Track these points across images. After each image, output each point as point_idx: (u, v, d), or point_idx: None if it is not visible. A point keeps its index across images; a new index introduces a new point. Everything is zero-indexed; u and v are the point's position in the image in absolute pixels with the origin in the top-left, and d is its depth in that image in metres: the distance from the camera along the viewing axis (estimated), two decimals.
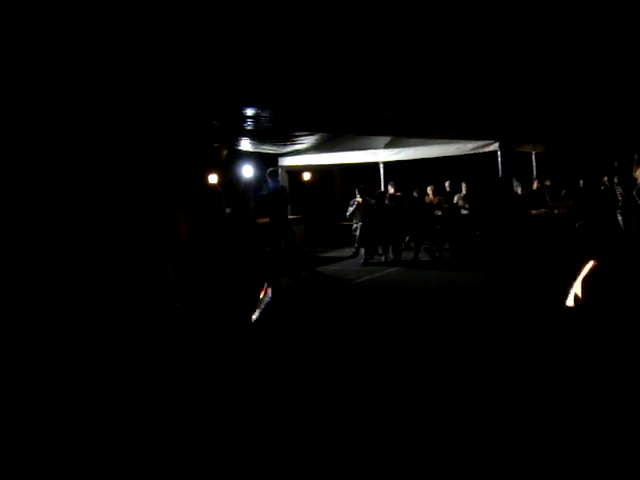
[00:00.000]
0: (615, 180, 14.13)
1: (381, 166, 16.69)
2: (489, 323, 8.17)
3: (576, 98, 12.59)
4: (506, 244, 11.16)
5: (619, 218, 13.37)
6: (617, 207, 13.44)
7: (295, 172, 18.22)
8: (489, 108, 12.77)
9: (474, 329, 7.92)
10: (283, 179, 16.38)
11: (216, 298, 5.76)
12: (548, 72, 10.42)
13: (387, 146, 16.25)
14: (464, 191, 15.71)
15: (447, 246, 14.91)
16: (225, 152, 14.94)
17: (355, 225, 14.75)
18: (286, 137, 15.33)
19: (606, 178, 14.92)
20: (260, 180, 14.78)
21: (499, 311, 8.83)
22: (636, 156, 11.67)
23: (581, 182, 16.22)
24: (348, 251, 15.41)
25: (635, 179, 11.68)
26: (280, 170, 16.29)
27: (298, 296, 11.21)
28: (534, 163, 17.65)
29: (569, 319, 4.73)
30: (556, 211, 14.85)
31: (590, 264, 4.68)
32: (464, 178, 16.00)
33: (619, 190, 13.45)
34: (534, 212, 14.43)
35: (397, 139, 16.08)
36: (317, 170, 18.66)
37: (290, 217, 14.65)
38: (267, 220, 13.55)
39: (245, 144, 15.10)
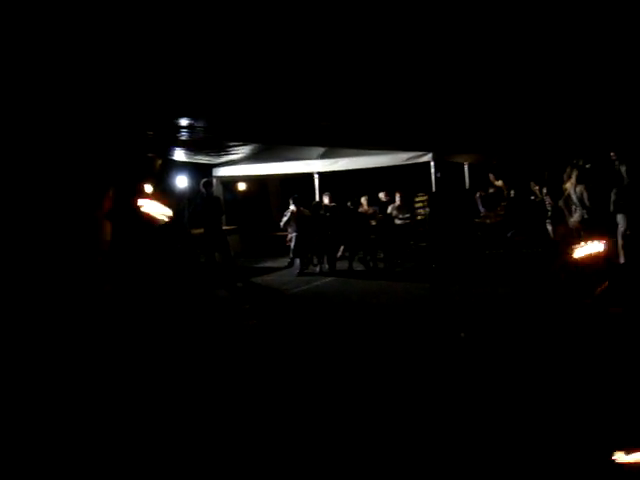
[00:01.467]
0: (544, 190, 14.52)
1: (316, 176, 16.75)
2: (421, 331, 8.30)
3: (507, 110, 12.86)
4: (456, 253, 11.35)
5: (549, 228, 13.74)
6: (546, 217, 13.82)
7: (230, 182, 18.14)
8: (422, 119, 12.93)
9: (405, 337, 8.02)
10: (218, 190, 16.25)
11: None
12: (479, 84, 10.61)
13: (322, 157, 16.31)
14: (398, 201, 15.87)
15: (381, 256, 15.04)
16: (159, 162, 14.77)
17: (290, 235, 14.75)
18: (220, 147, 15.23)
19: (537, 188, 15.29)
20: (194, 191, 14.67)
21: (433, 319, 8.99)
22: (568, 169, 12.03)
23: (512, 192, 16.57)
24: (283, 261, 15.40)
25: (564, 190, 12.04)
26: (215, 180, 16.19)
27: (233, 307, 11.15)
28: (466, 173, 17.98)
29: None
30: (488, 221, 15.14)
31: None
32: (398, 188, 16.17)
33: (548, 200, 13.83)
34: None
35: (332, 150, 16.16)
36: (252, 181, 18.63)
37: (225, 228, 14.57)
38: (201, 231, 13.46)
39: (179, 154, 14.95)
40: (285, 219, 14.93)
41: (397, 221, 15.38)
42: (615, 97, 11.56)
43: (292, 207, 14.74)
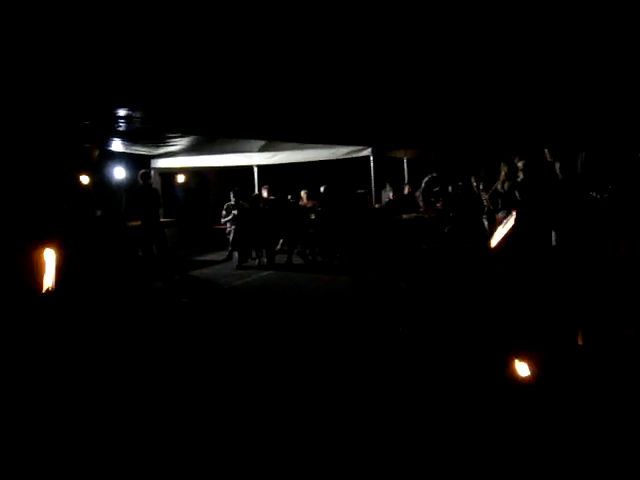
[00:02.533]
0: (481, 187, 14.75)
1: (255, 169, 16.69)
2: (354, 324, 8.40)
3: (445, 106, 13.01)
4: (370, 248, 11.43)
5: (485, 223, 13.96)
6: (483, 212, 14.04)
7: (169, 174, 17.94)
8: (362, 114, 13.00)
9: (341, 330, 8.10)
10: (156, 181, 16.08)
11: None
12: (418, 80, 10.72)
13: (262, 149, 16.28)
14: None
15: (320, 249, 15.10)
16: (97, 153, 14.50)
17: (229, 229, 14.68)
18: (159, 138, 15.05)
19: (475, 184, 15.51)
20: (132, 182, 14.46)
21: (363, 312, 9.09)
22: (502, 165, 12.22)
23: (450, 188, 16.80)
24: (222, 255, 15.32)
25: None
26: (153, 172, 15.99)
27: (170, 300, 11.05)
28: (405, 168, 18.16)
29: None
30: (426, 216, 15.31)
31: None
32: (338, 182, 16.24)
33: (484, 195, 14.05)
34: (405, 216, 14.84)
35: (271, 143, 16.14)
36: (191, 173, 18.45)
37: (162, 220, 14.42)
38: (138, 223, 13.29)
39: (117, 145, 14.71)
40: (224, 213, 14.86)
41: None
42: (551, 94, 11.80)
43: (232, 201, 14.69)
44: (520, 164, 11.35)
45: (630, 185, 10.39)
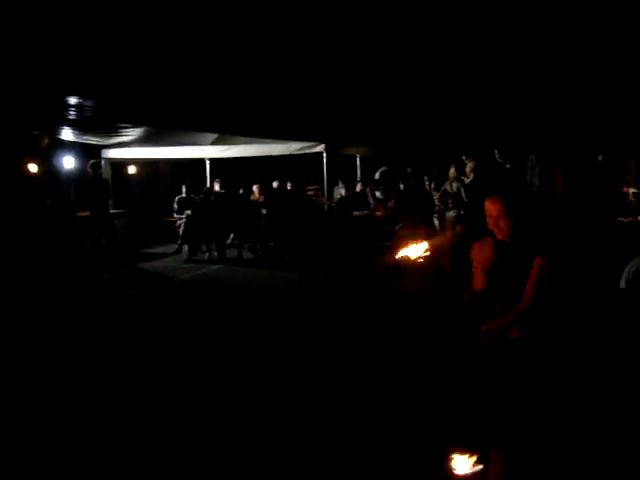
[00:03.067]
0: (432, 186, 14.89)
1: (207, 163, 16.60)
2: (301, 320, 8.47)
3: (399, 105, 13.10)
4: (319, 244, 11.45)
5: (435, 222, 14.09)
6: (434, 211, 14.16)
7: (120, 165, 17.71)
8: (315, 110, 13.02)
9: (286, 326, 8.15)
10: (106, 172, 15.86)
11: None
12: (371, 79, 10.77)
13: (214, 143, 16.19)
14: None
15: (271, 244, 15.09)
16: (46, 141, 14.27)
17: (179, 221, 14.57)
18: (111, 128, 14.84)
19: (427, 183, 15.63)
20: (81, 172, 14.26)
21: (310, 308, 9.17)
22: (452, 165, 12.36)
23: (402, 186, 16.89)
24: (172, 247, 15.20)
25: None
26: (103, 162, 15.78)
27: (118, 293, 10.94)
28: (358, 166, 18.24)
29: None
30: (378, 213, 15.37)
31: None
32: (291, 178, 16.24)
33: (436, 195, 14.19)
34: (356, 213, 14.90)
35: (225, 136, 16.05)
36: (143, 164, 18.25)
37: (112, 211, 14.26)
38: (87, 214, 13.11)
39: (67, 133, 14.46)
40: (176, 207, 14.75)
41: None
42: (503, 96, 11.97)
43: (184, 194, 14.61)
44: (470, 165, 11.52)
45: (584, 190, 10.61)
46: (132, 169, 17.80)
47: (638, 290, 7.26)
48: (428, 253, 3.77)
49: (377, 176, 16.41)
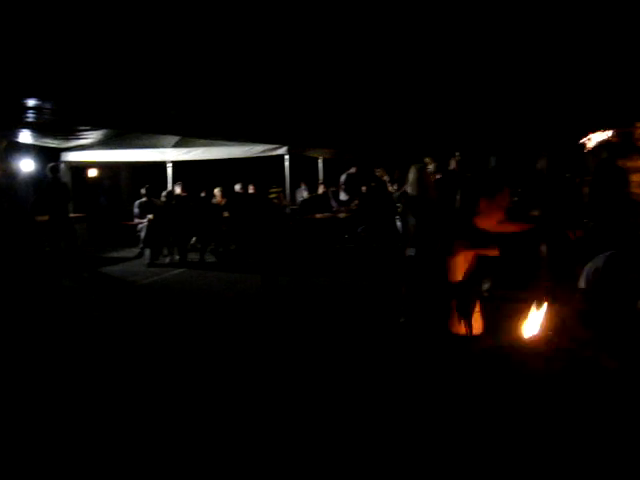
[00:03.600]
0: (395, 188, 14.96)
1: (169, 165, 16.48)
2: (262, 324, 8.45)
3: (359, 107, 13.14)
4: (280, 247, 11.43)
5: (398, 224, 14.15)
6: (396, 213, 14.23)
7: (79, 168, 17.51)
8: (276, 112, 13.00)
9: (250, 330, 8.12)
10: (66, 175, 15.68)
11: None
12: (332, 81, 10.79)
13: (176, 145, 16.07)
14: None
15: (233, 247, 15.03)
16: (4, 144, 14.04)
17: (140, 225, 14.43)
18: (70, 131, 14.66)
19: (389, 186, 15.71)
20: (40, 175, 14.06)
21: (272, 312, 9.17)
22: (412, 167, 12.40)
23: (364, 188, 16.97)
24: (133, 252, 15.06)
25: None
26: (63, 165, 15.60)
27: (79, 298, 10.79)
28: (321, 168, 18.26)
29: None
30: (340, 215, 15.42)
31: None
32: (253, 181, 16.21)
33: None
34: (319, 216, 14.92)
35: (186, 139, 15.95)
36: (103, 167, 18.07)
37: (72, 215, 14.08)
38: (46, 218, 12.93)
39: (25, 136, 14.25)
40: (137, 211, 14.60)
41: None
42: (463, 98, 12.07)
43: (144, 198, 14.47)
44: (431, 167, 11.60)
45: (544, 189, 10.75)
46: (92, 172, 17.61)
47: (598, 289, 7.39)
48: None
49: (343, 178, 16.46)
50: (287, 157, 14.98)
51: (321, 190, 16.70)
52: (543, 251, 9.52)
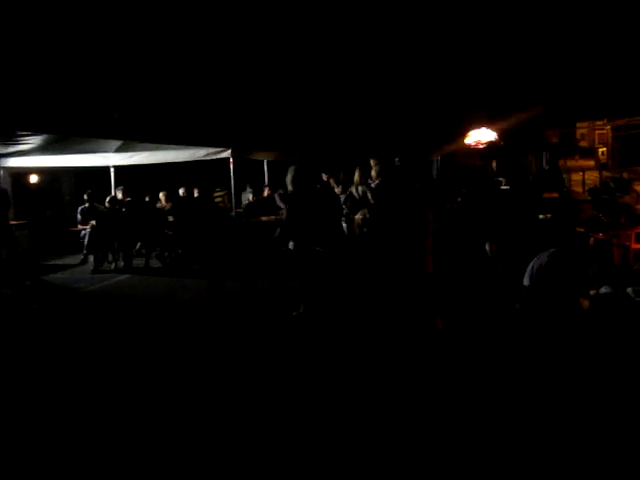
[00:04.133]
0: (340, 189, 14.99)
1: (112, 170, 16.25)
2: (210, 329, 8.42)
3: (306, 110, 13.18)
4: (226, 251, 11.41)
5: (344, 225, 14.21)
6: (342, 215, 14.28)
7: (20, 174, 17.17)
8: (220, 115, 12.97)
9: (197, 336, 8.08)
10: (5, 181, 15.37)
11: None
12: (274, 83, 10.82)
13: (119, 150, 15.84)
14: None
15: (179, 252, 14.90)
16: None
17: (83, 232, 14.19)
18: (9, 136, 14.35)
19: (334, 187, 15.71)
20: None
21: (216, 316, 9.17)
22: (358, 169, 12.49)
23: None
24: (77, 258, 14.81)
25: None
26: (2, 172, 15.28)
27: (20, 306, 10.57)
28: (266, 171, 18.22)
29: None
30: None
31: None
32: (198, 184, 16.10)
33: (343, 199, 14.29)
34: (264, 219, 14.88)
35: (129, 143, 15.74)
36: (44, 173, 17.75)
37: (12, 222, 13.80)
38: None
39: None
40: (80, 217, 14.37)
41: None
42: (403, 102, 12.21)
43: (87, 203, 14.25)
44: (375, 169, 11.67)
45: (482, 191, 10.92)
46: (33, 178, 17.29)
47: (540, 287, 7.55)
48: None
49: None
50: (232, 160, 14.90)
51: (266, 193, 16.66)
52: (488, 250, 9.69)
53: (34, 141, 15.03)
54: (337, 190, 15.37)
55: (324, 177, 15.48)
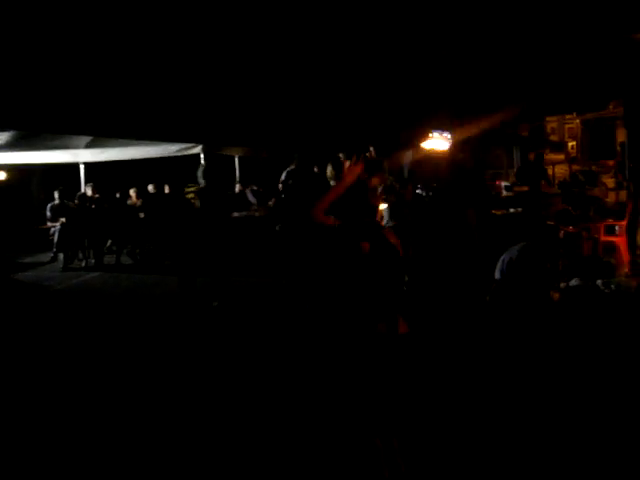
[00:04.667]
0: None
1: (82, 167, 16.07)
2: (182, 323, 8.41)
3: (274, 104, 13.14)
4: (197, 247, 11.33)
5: None
6: None
7: None
8: (191, 111, 12.88)
9: (168, 332, 8.06)
10: None
11: None
12: (245, 78, 10.77)
13: (88, 146, 15.63)
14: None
15: (150, 248, 14.80)
16: None
17: (53, 229, 14.02)
18: None
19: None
20: None
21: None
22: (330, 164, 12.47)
23: (280, 187, 16.90)
24: (47, 256, 14.63)
25: None
26: None
27: None
28: (237, 167, 18.13)
29: None
30: (257, 214, 15.34)
31: None
32: (169, 180, 15.96)
33: None
34: (236, 215, 14.83)
35: (99, 139, 15.54)
36: (12, 170, 17.48)
37: None
38: None
39: None
40: (49, 214, 14.19)
41: None
42: (372, 96, 12.22)
43: (57, 200, 14.07)
44: (347, 163, 11.65)
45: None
46: (1, 176, 17.04)
47: (511, 280, 7.59)
48: None
49: (284, 176, 16.31)
50: (202, 156, 14.79)
51: (237, 189, 16.60)
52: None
53: (1, 138, 14.80)
54: None
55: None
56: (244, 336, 7.69)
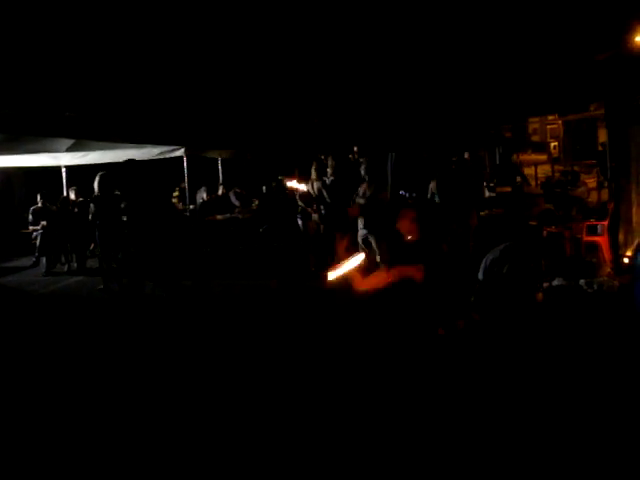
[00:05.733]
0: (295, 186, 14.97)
1: (63, 170, 15.97)
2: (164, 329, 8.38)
3: (258, 106, 13.12)
4: (180, 250, 11.31)
5: (299, 222, 14.21)
6: (297, 212, 14.28)
7: None
8: (173, 113, 12.84)
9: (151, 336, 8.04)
10: None
11: None
12: (226, 80, 10.75)
13: (70, 149, 15.52)
14: None
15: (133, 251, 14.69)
16: None
17: (35, 233, 13.91)
18: None
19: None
20: None
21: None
22: (314, 165, 12.49)
23: (264, 188, 16.90)
24: (29, 260, 14.52)
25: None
26: None
27: None
28: (220, 169, 18.10)
29: None
30: (241, 216, 15.33)
31: None
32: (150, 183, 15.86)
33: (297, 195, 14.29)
34: (219, 217, 14.80)
35: (81, 142, 15.42)
36: None
37: None
38: None
39: None
40: (32, 218, 14.06)
41: None
42: (361, 97, 12.24)
43: (39, 204, 13.96)
44: (330, 165, 11.68)
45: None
46: None
47: (494, 280, 7.61)
48: None
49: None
50: (185, 158, 14.74)
51: (221, 191, 16.56)
52: None
53: None
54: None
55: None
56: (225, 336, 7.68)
